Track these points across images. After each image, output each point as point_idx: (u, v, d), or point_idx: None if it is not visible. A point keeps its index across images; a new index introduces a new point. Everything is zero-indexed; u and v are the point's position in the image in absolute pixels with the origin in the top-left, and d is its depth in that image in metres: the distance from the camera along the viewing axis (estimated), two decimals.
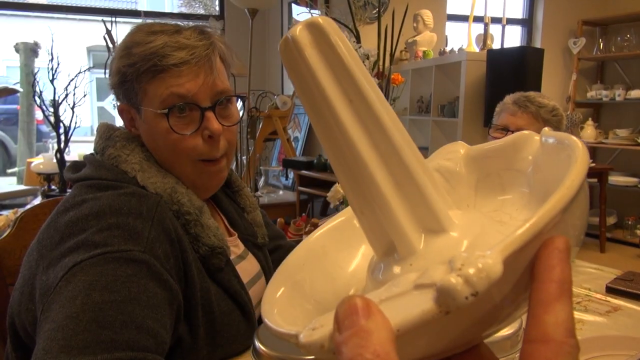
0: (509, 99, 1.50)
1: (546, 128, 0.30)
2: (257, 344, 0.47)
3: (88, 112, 9.37)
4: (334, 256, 0.33)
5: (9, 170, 5.58)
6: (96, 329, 0.58)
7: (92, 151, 0.85)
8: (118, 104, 0.85)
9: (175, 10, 5.90)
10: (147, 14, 4.82)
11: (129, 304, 0.61)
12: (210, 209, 0.94)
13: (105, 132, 0.82)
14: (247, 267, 0.90)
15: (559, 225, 0.20)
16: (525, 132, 0.32)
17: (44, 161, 2.48)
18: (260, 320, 0.59)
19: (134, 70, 0.76)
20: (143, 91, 0.77)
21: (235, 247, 0.91)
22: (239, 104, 0.88)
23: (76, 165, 0.82)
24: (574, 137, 0.24)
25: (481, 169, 0.33)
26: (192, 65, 0.76)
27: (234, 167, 3.04)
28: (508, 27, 4.04)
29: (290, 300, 0.29)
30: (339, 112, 0.26)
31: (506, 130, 1.45)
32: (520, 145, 0.31)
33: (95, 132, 0.85)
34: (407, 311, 0.18)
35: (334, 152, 0.27)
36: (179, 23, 0.82)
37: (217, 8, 4.99)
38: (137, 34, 0.78)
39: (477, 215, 0.28)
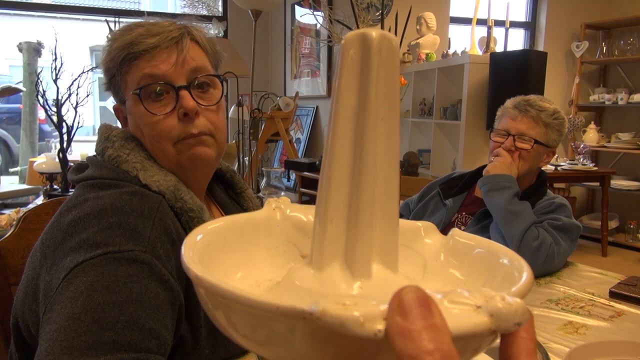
0: (509, 103, 1.49)
1: (456, 229, 0.34)
2: None
3: (91, 111, 9.39)
4: (246, 247, 0.33)
5: (12, 170, 5.58)
6: (98, 330, 0.58)
7: (94, 152, 0.85)
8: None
9: (179, 11, 5.91)
10: (150, 14, 4.82)
11: (130, 304, 0.61)
12: (214, 209, 0.94)
13: (104, 133, 0.82)
14: None
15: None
16: (420, 224, 0.36)
17: (46, 161, 2.48)
18: None
19: (114, 64, 0.79)
20: (124, 82, 0.80)
21: None
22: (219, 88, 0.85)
23: (79, 167, 0.83)
24: (521, 259, 0.28)
25: None
26: (163, 48, 0.77)
27: (235, 168, 3.04)
28: (511, 30, 4.03)
29: (209, 251, 0.30)
30: (371, 122, 0.27)
31: (507, 134, 1.45)
32: (423, 233, 0.35)
33: (98, 133, 0.86)
34: (457, 319, 0.19)
35: (345, 153, 0.28)
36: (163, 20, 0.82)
37: (220, 9, 5.00)
38: (117, 32, 0.80)
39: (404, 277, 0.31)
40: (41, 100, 2.37)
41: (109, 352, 0.57)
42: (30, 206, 1.23)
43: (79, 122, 2.39)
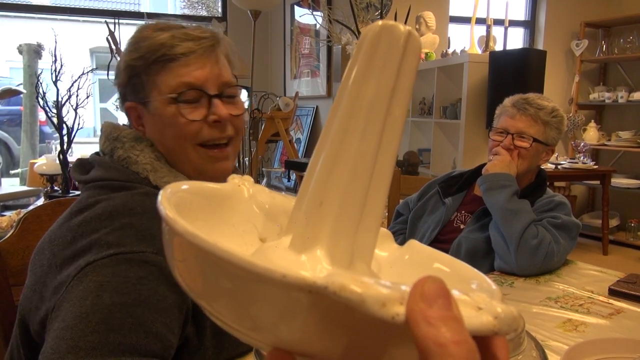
0: (508, 101, 1.50)
1: (414, 241, 0.33)
2: None
3: (91, 113, 9.39)
4: (208, 218, 0.32)
5: (12, 171, 5.59)
6: (105, 330, 0.58)
7: (97, 151, 0.85)
8: (124, 103, 0.83)
9: (178, 12, 5.91)
10: (150, 16, 4.83)
11: (138, 307, 0.61)
12: None
13: (112, 133, 0.80)
14: None
15: None
16: (386, 232, 0.34)
17: (46, 162, 2.49)
18: None
19: (143, 62, 0.78)
20: (152, 82, 0.78)
21: None
22: (245, 98, 0.89)
23: (82, 165, 0.82)
24: (489, 280, 0.27)
25: None
26: (198, 54, 0.78)
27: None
28: (510, 29, 4.03)
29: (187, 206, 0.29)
30: (376, 114, 0.26)
31: (506, 133, 1.45)
32: (379, 240, 0.34)
33: (99, 132, 0.85)
34: (466, 318, 0.19)
35: (343, 144, 0.27)
36: (183, 23, 0.83)
37: (220, 9, 5.00)
38: (144, 31, 0.79)
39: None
40: (41, 102, 2.38)
41: (113, 354, 0.57)
42: (31, 208, 1.23)
43: (79, 124, 2.40)
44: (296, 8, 4.76)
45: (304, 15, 4.65)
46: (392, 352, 0.20)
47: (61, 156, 2.34)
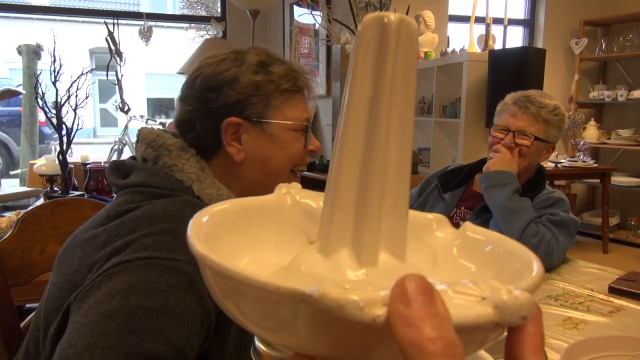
0: (509, 98, 1.49)
1: (469, 224, 0.33)
2: (258, 343, 0.47)
3: (90, 113, 9.39)
4: (252, 230, 0.33)
5: (12, 172, 5.59)
6: (125, 332, 0.58)
7: (133, 155, 0.84)
8: (216, 116, 0.81)
9: (177, 12, 5.91)
10: (149, 16, 4.83)
11: (162, 314, 0.61)
12: None
13: (156, 140, 0.80)
14: None
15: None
16: (431, 216, 0.35)
17: (46, 163, 2.48)
18: None
19: (274, 85, 0.81)
20: (276, 107, 0.82)
21: None
22: None
23: (119, 168, 0.82)
24: (532, 255, 0.28)
25: None
26: (307, 91, 0.88)
27: None
28: (510, 28, 4.03)
29: (215, 231, 0.29)
30: (384, 108, 0.26)
31: (507, 130, 1.45)
32: (435, 225, 0.34)
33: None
34: (460, 310, 0.19)
35: (357, 138, 0.27)
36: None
37: (219, 10, 5.00)
38: (264, 54, 0.83)
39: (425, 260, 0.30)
40: (41, 102, 2.38)
41: (127, 356, 0.57)
42: (30, 208, 1.23)
43: (78, 124, 2.40)
44: (295, 8, 4.76)
45: (303, 15, 4.65)
46: (380, 351, 0.21)
47: (61, 157, 2.34)
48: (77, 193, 2.34)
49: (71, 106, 2.38)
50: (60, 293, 0.70)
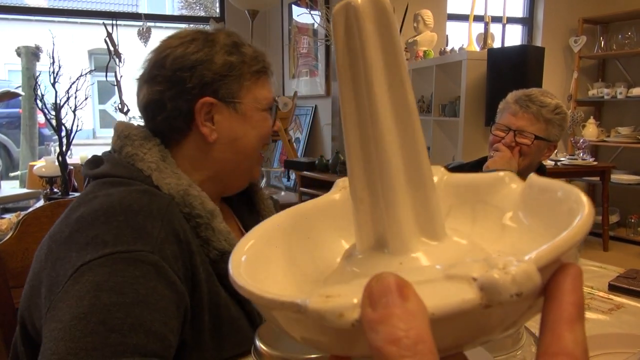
0: (511, 97, 1.49)
1: (533, 175, 0.31)
2: (258, 343, 0.47)
3: (90, 115, 9.39)
4: (312, 235, 0.33)
5: (12, 174, 5.59)
6: (104, 331, 0.57)
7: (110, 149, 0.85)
8: (187, 97, 0.80)
9: (176, 13, 5.92)
10: (148, 17, 4.83)
11: (137, 306, 0.60)
12: (226, 213, 0.94)
13: (124, 131, 0.82)
14: None
15: (571, 255, 0.21)
16: (502, 174, 0.33)
17: (46, 164, 2.49)
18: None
19: (245, 66, 0.83)
20: (247, 88, 0.84)
21: None
22: None
23: (95, 161, 0.83)
24: (577, 191, 0.26)
25: (457, 196, 0.33)
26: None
27: None
28: (508, 26, 4.03)
29: (260, 257, 0.29)
30: (376, 92, 0.25)
31: (508, 129, 1.45)
32: (499, 185, 0.32)
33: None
34: (444, 297, 0.18)
35: (356, 130, 0.27)
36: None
37: (218, 10, 5.00)
38: (235, 36, 0.85)
39: (465, 235, 0.28)
40: (40, 104, 2.38)
41: (115, 355, 0.57)
42: (30, 210, 1.23)
43: (77, 126, 2.40)
44: (294, 7, 4.76)
45: (301, 15, 4.65)
46: None
47: (60, 158, 2.34)
48: (77, 194, 2.34)
49: (70, 107, 2.38)
50: (31, 291, 0.70)
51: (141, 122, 0.87)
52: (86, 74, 2.52)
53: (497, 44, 3.82)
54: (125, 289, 0.61)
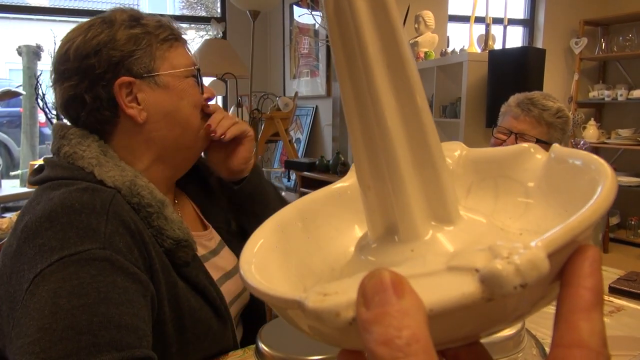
0: (513, 100, 1.49)
1: (556, 144, 0.30)
2: (260, 344, 0.47)
3: None
4: (322, 224, 0.32)
5: (12, 173, 5.59)
6: (74, 335, 0.56)
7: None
8: (106, 82, 0.78)
9: (177, 13, 5.92)
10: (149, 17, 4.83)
11: (100, 304, 0.59)
12: (184, 200, 0.93)
13: (60, 131, 0.79)
14: (220, 263, 0.89)
15: (589, 236, 0.20)
16: (526, 145, 0.31)
17: None
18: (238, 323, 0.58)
19: (152, 37, 0.80)
20: (162, 57, 0.81)
21: (209, 241, 0.90)
22: None
23: (39, 168, 0.80)
24: (599, 160, 0.24)
25: (478, 172, 0.32)
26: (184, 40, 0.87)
27: None
28: (509, 28, 4.03)
29: (269, 255, 0.28)
30: (375, 74, 0.24)
31: (510, 132, 1.45)
32: (522, 157, 0.31)
33: (52, 134, 0.82)
34: (443, 292, 0.17)
35: (358, 117, 0.26)
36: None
37: (219, 10, 5.00)
38: (133, 11, 0.82)
39: (481, 216, 0.27)
40: (41, 103, 2.38)
41: (91, 355, 0.56)
42: None
43: None
44: (295, 8, 4.76)
45: (303, 15, 4.65)
46: None
47: None
48: None
49: None
50: None
51: None
52: None
53: (498, 46, 3.82)
54: (84, 291, 0.60)
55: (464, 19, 4.17)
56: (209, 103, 0.88)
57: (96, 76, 0.77)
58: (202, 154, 0.94)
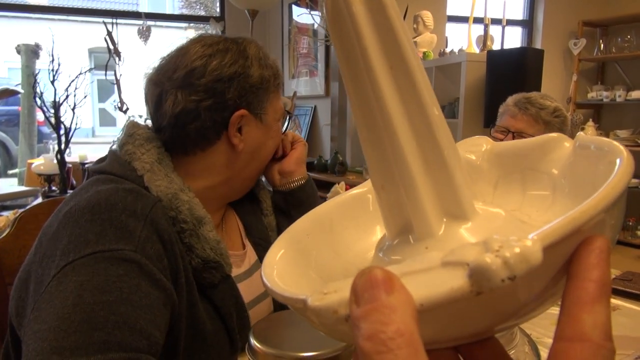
0: (510, 100, 1.50)
1: (581, 133, 0.30)
2: (253, 341, 0.47)
3: (89, 113, 9.38)
4: (340, 231, 0.32)
5: (10, 172, 5.58)
6: (88, 330, 0.57)
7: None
8: (223, 111, 0.82)
9: (176, 12, 5.92)
10: (148, 16, 4.83)
11: (121, 304, 0.60)
12: (231, 218, 0.95)
13: (130, 129, 0.82)
14: (252, 286, 0.89)
15: (598, 225, 0.20)
16: (554, 135, 0.31)
17: (44, 162, 2.49)
18: (243, 347, 0.60)
19: (272, 79, 0.87)
20: (269, 100, 0.87)
21: (243, 262, 0.91)
22: None
23: (103, 157, 0.84)
24: (616, 143, 0.24)
25: (503, 166, 0.32)
26: None
27: None
28: (508, 28, 4.04)
29: (291, 263, 0.28)
30: (378, 76, 0.24)
31: (507, 131, 1.45)
32: (548, 148, 0.31)
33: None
34: (433, 287, 0.18)
35: (365, 119, 0.26)
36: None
37: (218, 9, 5.00)
38: (262, 49, 0.88)
39: (499, 210, 0.27)
40: (39, 102, 2.38)
41: (99, 352, 0.56)
42: (28, 207, 1.23)
43: (76, 124, 2.40)
44: (294, 7, 4.76)
45: (301, 15, 4.65)
46: None
47: (59, 156, 2.34)
48: None
49: (70, 106, 2.38)
50: (18, 283, 0.71)
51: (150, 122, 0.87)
52: (86, 72, 2.53)
53: (496, 46, 3.82)
54: (108, 288, 0.61)
55: (463, 19, 4.17)
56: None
57: (223, 101, 0.81)
58: None
